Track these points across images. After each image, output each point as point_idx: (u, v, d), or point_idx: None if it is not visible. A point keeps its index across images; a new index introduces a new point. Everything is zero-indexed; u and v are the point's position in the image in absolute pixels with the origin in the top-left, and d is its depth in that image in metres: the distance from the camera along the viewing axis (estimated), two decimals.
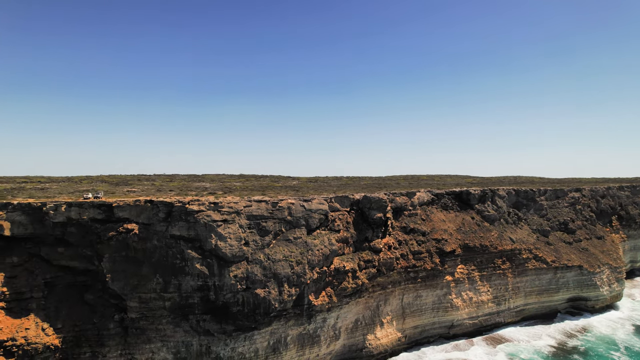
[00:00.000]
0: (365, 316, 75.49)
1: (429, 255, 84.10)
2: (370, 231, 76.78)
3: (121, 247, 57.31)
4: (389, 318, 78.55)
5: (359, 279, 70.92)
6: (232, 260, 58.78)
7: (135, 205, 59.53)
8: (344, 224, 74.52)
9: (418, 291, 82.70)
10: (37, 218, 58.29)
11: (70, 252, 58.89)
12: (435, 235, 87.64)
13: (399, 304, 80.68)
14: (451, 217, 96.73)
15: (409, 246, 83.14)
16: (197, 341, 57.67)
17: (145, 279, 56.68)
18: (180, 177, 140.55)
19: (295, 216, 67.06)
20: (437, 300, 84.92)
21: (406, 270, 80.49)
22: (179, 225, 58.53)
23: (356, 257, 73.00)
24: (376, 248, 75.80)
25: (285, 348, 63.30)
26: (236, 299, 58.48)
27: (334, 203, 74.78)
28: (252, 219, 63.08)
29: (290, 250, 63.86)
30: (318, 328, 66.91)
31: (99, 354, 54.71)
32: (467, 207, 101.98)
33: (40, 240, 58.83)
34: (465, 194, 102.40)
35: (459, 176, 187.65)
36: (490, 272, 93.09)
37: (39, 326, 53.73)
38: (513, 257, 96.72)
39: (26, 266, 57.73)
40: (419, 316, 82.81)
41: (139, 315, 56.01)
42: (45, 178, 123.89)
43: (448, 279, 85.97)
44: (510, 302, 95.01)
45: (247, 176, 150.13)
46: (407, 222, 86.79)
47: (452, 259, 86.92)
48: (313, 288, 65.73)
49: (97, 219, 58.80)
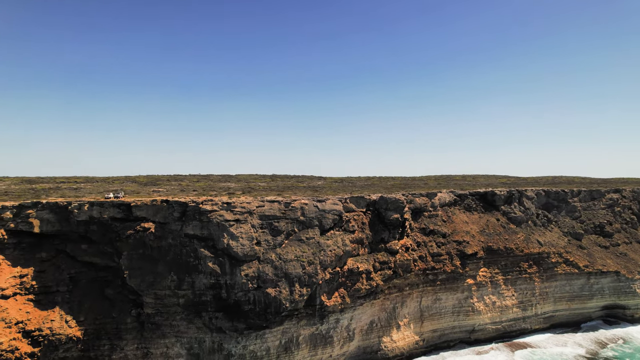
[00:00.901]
0: (381, 318, 74.61)
1: (449, 257, 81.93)
2: (387, 232, 75.77)
3: (138, 245, 59.70)
4: (406, 321, 77.21)
5: (373, 280, 70.18)
6: (244, 260, 59.80)
7: (152, 205, 61.83)
8: (360, 225, 73.98)
9: (437, 294, 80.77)
10: (63, 216, 61.83)
11: (93, 249, 62.05)
12: (457, 237, 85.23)
13: (416, 307, 79.13)
14: (474, 218, 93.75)
15: (428, 248, 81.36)
16: (210, 338, 59.12)
17: (161, 276, 58.71)
18: (214, 177, 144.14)
19: (308, 216, 67.28)
20: (458, 303, 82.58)
21: (424, 272, 78.83)
22: (193, 225, 60.22)
23: (371, 258, 72.27)
24: (392, 249, 74.70)
25: (297, 347, 63.68)
26: (247, 298, 59.46)
27: (349, 204, 74.40)
28: (264, 219, 63.89)
29: (302, 250, 64.15)
30: (331, 329, 66.82)
31: (117, 347, 57.24)
32: (492, 208, 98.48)
33: (66, 237, 62.38)
34: (490, 194, 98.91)
35: (493, 176, 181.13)
36: (516, 276, 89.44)
37: (63, 318, 56.93)
38: (541, 260, 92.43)
39: (53, 261, 61.42)
40: (438, 320, 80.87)
41: (154, 311, 58.11)
42: (82, 178, 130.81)
43: (469, 282, 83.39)
44: (537, 308, 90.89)
45: (279, 176, 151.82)
46: (427, 224, 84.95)
47: (473, 261, 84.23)
48: (325, 288, 65.69)
49: (117, 218, 61.55)
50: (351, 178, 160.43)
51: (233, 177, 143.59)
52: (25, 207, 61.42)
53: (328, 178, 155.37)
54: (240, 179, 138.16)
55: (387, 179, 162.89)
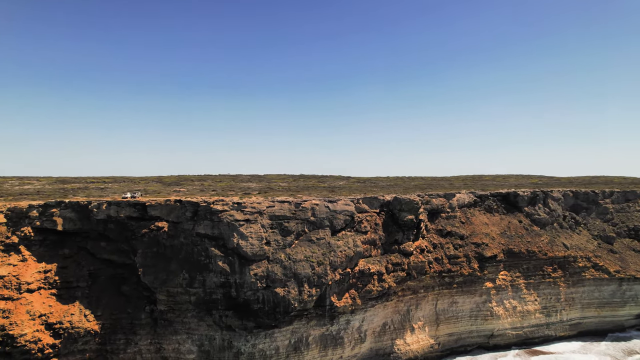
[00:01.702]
0: (394, 320, 73.62)
1: (466, 260, 79.76)
2: (401, 233, 74.62)
3: (152, 243, 61.67)
4: (421, 324, 75.80)
5: (385, 282, 69.33)
6: (253, 259, 60.55)
7: (166, 205, 63.67)
8: (372, 226, 73.26)
9: (454, 297, 78.82)
10: (84, 215, 64.68)
11: (111, 247, 64.57)
12: (475, 239, 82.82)
13: (432, 310, 77.53)
14: (495, 220, 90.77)
15: (445, 250, 79.53)
16: (220, 335, 60.27)
17: (173, 274, 60.36)
18: (243, 177, 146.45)
19: (319, 217, 67.30)
20: (475, 307, 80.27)
21: (440, 274, 77.11)
22: (204, 224, 61.56)
23: (384, 260, 71.42)
24: (406, 251, 73.52)
25: (306, 348, 63.87)
26: (256, 297, 60.18)
27: (361, 204, 73.84)
28: (274, 219, 64.44)
29: (312, 250, 64.24)
30: (341, 330, 66.58)
31: (132, 341, 59.37)
32: (514, 209, 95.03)
33: (87, 235, 65.20)
34: (513, 195, 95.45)
35: (525, 176, 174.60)
36: (539, 280, 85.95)
37: (82, 312, 59.57)
38: (566, 264, 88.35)
39: (75, 258, 64.33)
40: (454, 323, 78.92)
41: (167, 308, 59.85)
42: (110, 178, 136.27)
43: (488, 285, 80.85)
44: (562, 314, 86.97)
45: (306, 176, 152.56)
46: (444, 225, 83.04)
47: (493, 264, 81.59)
48: (336, 289, 65.50)
49: (133, 217, 63.77)
50: (374, 178, 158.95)
51: (261, 177, 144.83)
52: (49, 206, 64.71)
53: (352, 178, 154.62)
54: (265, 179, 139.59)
55: (410, 179, 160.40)
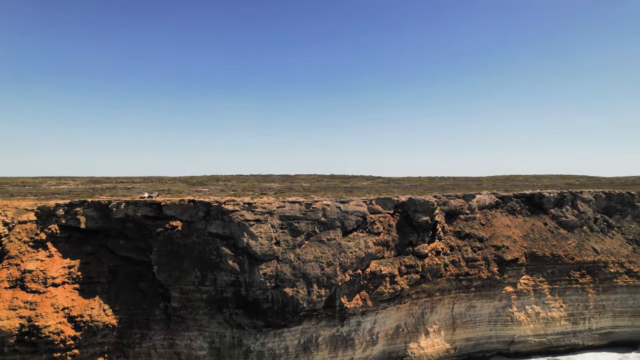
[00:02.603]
0: (408, 323, 72.41)
1: (485, 263, 77.26)
2: (416, 235, 73.32)
3: (167, 242, 63.73)
4: (436, 327, 74.14)
5: (397, 284, 68.33)
6: (262, 259, 61.32)
7: (180, 205, 65.60)
8: (386, 227, 72.38)
9: (471, 301, 76.55)
10: (104, 214, 67.73)
11: (129, 245, 67.26)
12: (495, 242, 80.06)
13: (448, 313, 75.66)
14: (518, 222, 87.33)
15: (463, 252, 77.38)
16: (230, 333, 61.46)
17: (186, 272, 62.13)
18: (274, 177, 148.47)
19: (329, 217, 67.23)
20: (495, 312, 77.57)
21: (457, 277, 75.12)
22: (216, 224, 62.96)
23: (397, 262, 70.42)
24: (421, 253, 72.14)
25: (316, 348, 63.98)
26: (265, 296, 60.92)
27: (374, 205, 73.11)
28: (284, 219, 64.97)
29: (322, 251, 64.28)
30: (352, 331, 66.23)
31: (146, 336, 61.62)
32: (539, 211, 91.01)
33: (107, 233, 68.23)
34: (538, 197, 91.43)
35: (560, 176, 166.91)
36: (564, 285, 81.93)
37: (101, 307, 62.39)
38: (596, 270, 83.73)
39: (96, 255, 67.48)
40: (472, 328, 76.61)
41: (180, 304, 61.68)
42: (140, 178, 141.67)
43: (508, 289, 77.94)
44: (592, 323, 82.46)
45: (337, 176, 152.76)
46: (462, 227, 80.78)
47: (514, 268, 78.53)
48: (346, 290, 65.23)
49: (149, 216, 66.11)
50: (399, 179, 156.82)
51: (291, 178, 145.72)
52: (74, 205, 68.25)
53: (377, 179, 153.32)
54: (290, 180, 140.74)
55: (437, 179, 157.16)
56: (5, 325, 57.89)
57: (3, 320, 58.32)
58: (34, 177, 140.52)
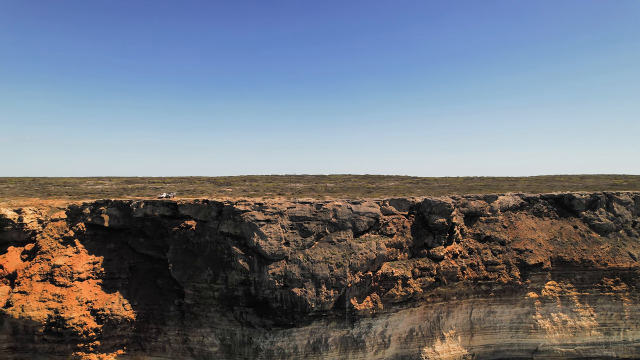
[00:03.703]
0: (422, 327, 70.68)
1: (506, 267, 74.01)
2: (431, 237, 71.45)
3: (182, 240, 65.91)
4: (452, 332, 71.88)
5: (410, 287, 66.88)
6: (272, 259, 62.02)
7: (195, 204, 67.62)
8: (400, 228, 71.05)
9: (491, 306, 73.58)
10: (126, 213, 71.07)
11: (148, 243, 70.18)
12: (518, 245, 76.47)
13: (465, 318, 73.13)
14: (544, 225, 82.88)
15: (482, 256, 74.54)
16: (240, 331, 62.66)
17: (199, 270, 64.00)
18: (309, 177, 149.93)
19: (340, 218, 66.90)
20: (517, 318, 74.10)
21: (475, 281, 72.48)
22: (227, 223, 64.36)
23: (410, 264, 68.95)
24: (436, 256, 70.22)
25: (326, 349, 63.91)
26: (274, 296, 61.59)
27: (388, 206, 71.95)
28: (294, 220, 65.34)
29: (332, 252, 64.10)
30: (362, 333, 65.56)
31: (162, 331, 64.05)
32: (569, 214, 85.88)
33: (129, 231, 71.57)
34: (567, 198, 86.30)
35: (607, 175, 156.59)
36: (596, 293, 76.87)
37: (121, 302, 65.54)
38: (633, 277, 77.93)
39: (118, 252, 70.98)
40: (491, 334, 73.62)
41: (193, 302, 63.61)
42: (171, 179, 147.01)
43: (531, 295, 74.19)
44: (627, 334, 76.90)
45: (371, 176, 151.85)
46: (483, 229, 77.78)
47: (537, 273, 74.68)
48: (356, 292, 64.67)
49: (166, 216, 68.65)
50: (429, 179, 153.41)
51: (326, 178, 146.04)
52: (99, 205, 72.12)
53: (406, 178, 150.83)
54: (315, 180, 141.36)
55: (469, 179, 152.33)
56: (35, 315, 62.13)
57: (34, 311, 62.64)
58: (78, 177, 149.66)
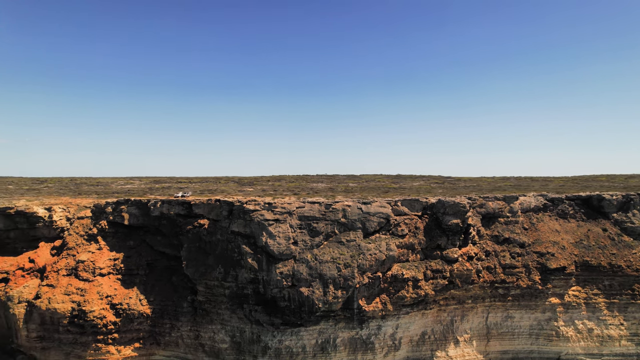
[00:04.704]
0: (435, 330, 69.07)
1: (525, 270, 70.98)
2: (445, 238, 69.66)
3: (195, 238, 67.81)
4: (467, 336, 69.76)
5: (421, 289, 65.52)
6: (280, 258, 62.58)
7: (207, 204, 69.34)
8: (412, 229, 69.76)
9: (508, 311, 70.81)
10: (144, 212, 73.93)
11: (165, 241, 72.67)
12: (539, 248, 73.12)
13: (481, 323, 70.77)
14: (570, 227, 78.74)
15: (500, 258, 71.89)
16: (249, 329, 63.67)
17: (211, 268, 65.58)
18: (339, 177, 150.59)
19: (350, 219, 66.54)
20: (537, 324, 70.89)
21: (492, 285, 70.01)
22: (238, 223, 65.56)
23: (422, 266, 67.54)
24: (450, 258, 68.40)
25: (334, 349, 63.76)
26: (282, 295, 62.13)
27: (400, 207, 70.81)
28: (303, 220, 65.60)
29: (340, 252, 63.87)
30: (372, 335, 64.90)
31: (175, 327, 66.15)
32: (598, 216, 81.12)
33: (147, 229, 74.43)
34: (596, 199, 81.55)
35: None
36: (626, 300, 72.23)
37: (138, 297, 68.25)
38: None
39: (137, 249, 73.92)
40: (509, 340, 70.82)
41: (205, 299, 65.26)
42: (199, 179, 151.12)
43: (553, 301, 70.74)
44: None
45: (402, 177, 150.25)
46: (501, 231, 74.96)
47: (560, 277, 71.08)
48: (365, 293, 64.10)
49: (181, 214, 70.83)
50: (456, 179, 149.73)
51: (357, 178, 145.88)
52: (120, 203, 75.46)
53: (432, 178, 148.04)
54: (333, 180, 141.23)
55: (499, 179, 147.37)
56: (60, 308, 65.80)
57: (59, 304, 66.36)
58: (111, 177, 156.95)
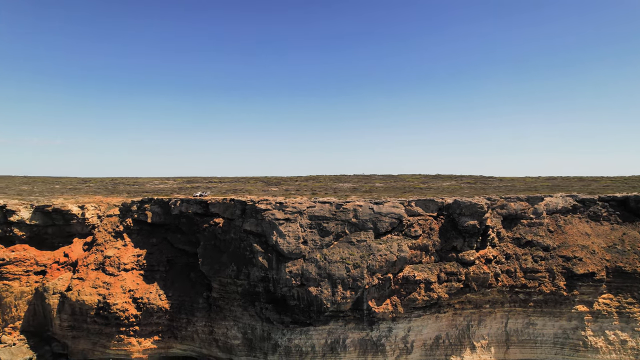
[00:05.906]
0: (450, 334, 66.95)
1: (549, 275, 67.21)
2: (461, 240, 67.45)
3: (211, 237, 69.94)
4: (484, 342, 67.08)
5: (434, 291, 63.78)
6: (289, 257, 63.20)
7: (223, 203, 71.31)
8: (426, 230, 68.13)
9: (530, 317, 67.35)
10: (166, 210, 77.20)
11: (184, 238, 75.48)
12: (565, 252, 69.00)
13: (500, 329, 67.78)
14: (602, 230, 73.63)
15: (521, 262, 68.56)
16: (260, 326, 64.76)
17: (224, 265, 67.38)
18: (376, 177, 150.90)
19: (361, 219, 66.03)
20: (562, 333, 66.90)
21: (512, 289, 66.92)
22: (250, 222, 66.90)
23: (436, 268, 65.76)
24: (465, 260, 66.13)
25: (344, 350, 63.47)
26: (291, 294, 62.70)
27: (413, 207, 69.34)
28: (313, 219, 65.84)
29: (350, 252, 63.55)
30: (382, 337, 64.00)
31: (191, 322, 68.53)
32: (636, 218, 75.27)
33: (168, 227, 77.64)
34: (634, 200, 75.66)
35: None
36: None
37: (158, 292, 71.35)
38: None
39: (159, 246, 77.28)
40: (531, 348, 67.32)
41: (219, 295, 67.16)
42: (230, 179, 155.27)
43: (580, 309, 66.47)
44: None
45: (443, 176, 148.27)
46: (523, 233, 71.45)
47: (588, 284, 66.63)
48: (375, 294, 63.35)
49: (199, 213, 73.27)
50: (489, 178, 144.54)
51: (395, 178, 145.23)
52: (144, 202, 79.28)
53: (466, 178, 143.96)
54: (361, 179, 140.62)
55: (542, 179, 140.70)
56: (88, 300, 70.07)
57: (87, 296, 70.67)
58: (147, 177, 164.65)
